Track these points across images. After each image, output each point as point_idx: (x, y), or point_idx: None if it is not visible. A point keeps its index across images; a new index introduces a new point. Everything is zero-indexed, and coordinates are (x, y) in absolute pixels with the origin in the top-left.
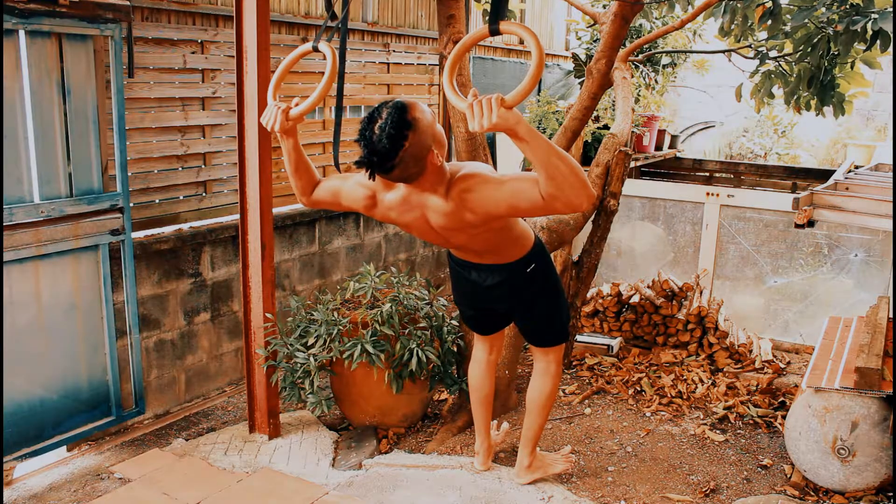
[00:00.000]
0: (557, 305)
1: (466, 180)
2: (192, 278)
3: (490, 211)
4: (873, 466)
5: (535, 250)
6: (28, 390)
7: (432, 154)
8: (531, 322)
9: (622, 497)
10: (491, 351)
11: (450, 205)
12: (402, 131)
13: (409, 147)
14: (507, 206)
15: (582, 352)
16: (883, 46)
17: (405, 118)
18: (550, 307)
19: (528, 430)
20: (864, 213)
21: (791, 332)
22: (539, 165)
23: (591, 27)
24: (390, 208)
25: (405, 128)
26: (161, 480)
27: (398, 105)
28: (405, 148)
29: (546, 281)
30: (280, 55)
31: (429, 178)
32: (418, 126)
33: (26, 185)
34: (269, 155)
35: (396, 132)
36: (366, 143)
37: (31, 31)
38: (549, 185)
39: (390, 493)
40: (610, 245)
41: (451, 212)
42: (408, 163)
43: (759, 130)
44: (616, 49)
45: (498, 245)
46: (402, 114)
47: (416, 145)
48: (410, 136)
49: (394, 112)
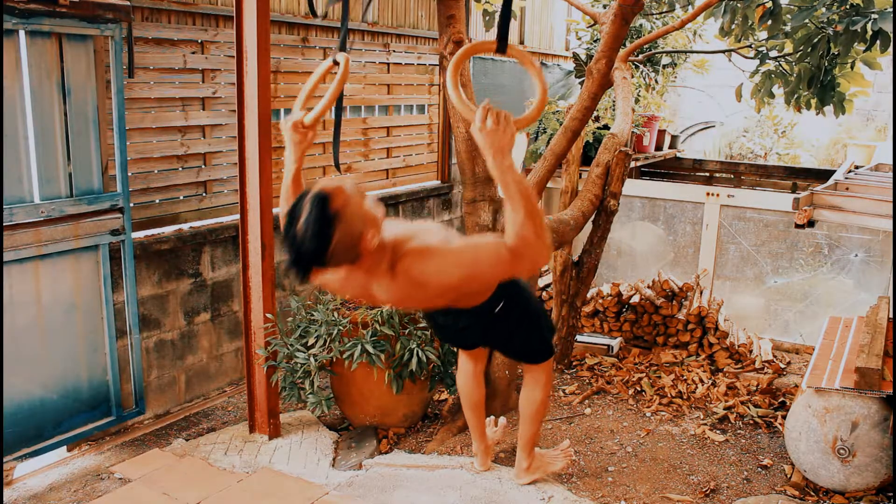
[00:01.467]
0: (537, 328)
1: (414, 257)
2: (193, 278)
3: (445, 283)
4: (873, 466)
5: (499, 290)
6: (28, 390)
7: (365, 239)
8: (513, 350)
9: (622, 497)
10: (477, 362)
11: (396, 282)
12: (327, 227)
13: (337, 241)
14: (465, 276)
15: (582, 352)
16: (883, 46)
17: (328, 213)
18: (530, 333)
19: (524, 436)
20: (864, 213)
21: (791, 332)
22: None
23: (591, 27)
24: (330, 284)
25: (330, 223)
26: (161, 480)
27: (318, 198)
28: (333, 244)
29: (520, 311)
30: (280, 55)
31: (366, 260)
32: (344, 216)
33: (26, 185)
34: (269, 155)
35: (321, 229)
36: (291, 246)
37: (31, 31)
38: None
39: (390, 493)
40: (610, 245)
41: (398, 289)
42: (340, 256)
43: (759, 130)
44: (616, 49)
45: (459, 299)
46: (323, 208)
47: (345, 236)
48: (337, 229)
49: (315, 208)
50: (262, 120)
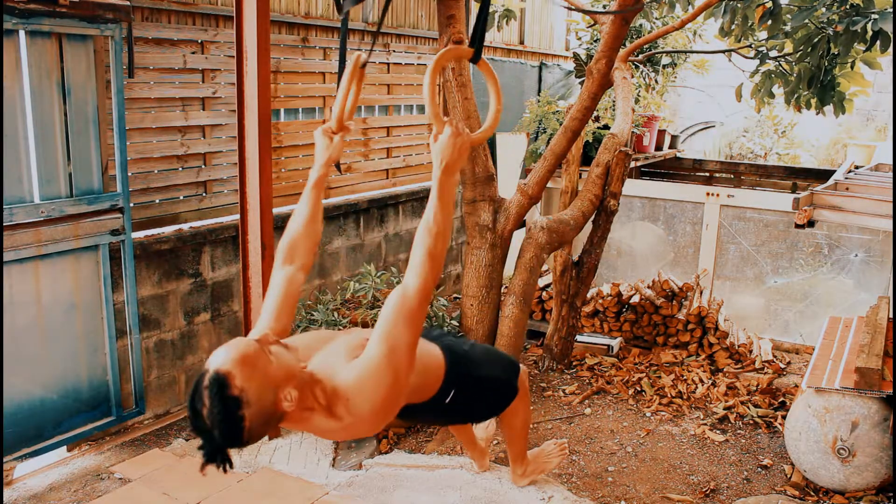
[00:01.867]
0: (493, 389)
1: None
2: (193, 278)
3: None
4: (873, 466)
5: (448, 373)
6: (28, 390)
7: (279, 401)
8: (480, 417)
9: (622, 497)
10: None
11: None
12: (233, 413)
13: (250, 422)
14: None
15: (582, 352)
16: (883, 47)
17: (229, 397)
18: (488, 398)
19: (514, 451)
20: (864, 213)
21: (791, 332)
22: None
23: (591, 27)
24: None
25: (235, 408)
26: (161, 480)
27: (215, 382)
28: (246, 426)
29: (471, 389)
30: (280, 55)
31: (293, 415)
32: (248, 393)
33: (26, 185)
34: (269, 155)
35: (228, 418)
36: (203, 439)
37: (31, 31)
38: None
39: (390, 493)
40: (610, 245)
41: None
42: (259, 429)
43: (759, 130)
44: (616, 49)
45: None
46: (223, 394)
47: (257, 412)
48: (245, 410)
49: (215, 397)
50: (262, 120)
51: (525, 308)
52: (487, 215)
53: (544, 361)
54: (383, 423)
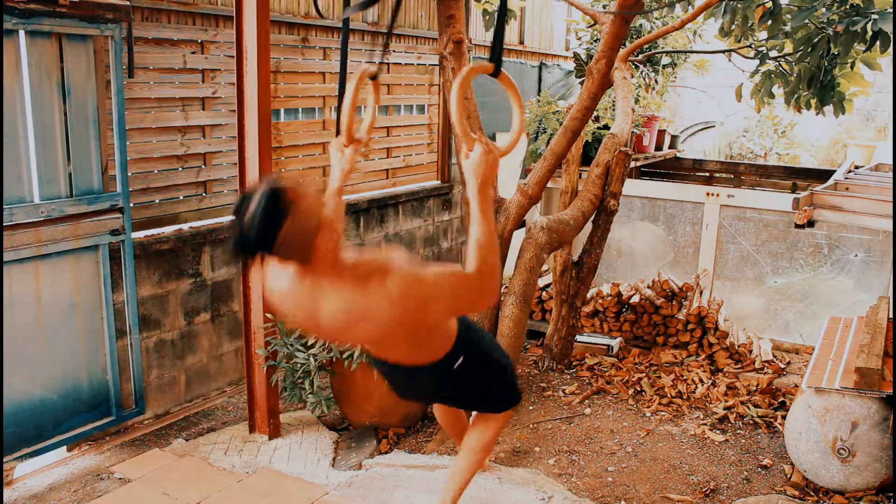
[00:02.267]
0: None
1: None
2: (192, 278)
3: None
4: (873, 466)
5: (458, 344)
6: (28, 390)
7: (318, 239)
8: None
9: (622, 497)
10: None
11: (358, 296)
12: (277, 213)
13: (287, 231)
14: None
15: (582, 352)
16: (883, 47)
17: (277, 204)
18: (492, 383)
19: (457, 479)
20: (864, 213)
21: (791, 332)
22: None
23: (591, 27)
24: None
25: (281, 211)
26: (161, 480)
27: (270, 191)
28: (283, 232)
29: (479, 362)
30: (280, 55)
31: (319, 266)
32: (296, 208)
33: (26, 185)
34: (269, 155)
35: (271, 213)
36: (238, 224)
37: (31, 31)
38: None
39: (390, 493)
40: (610, 245)
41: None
42: (289, 248)
43: (759, 130)
44: (616, 49)
45: (414, 343)
46: (276, 196)
47: (295, 228)
48: (288, 218)
49: (267, 194)
50: (262, 120)
51: (525, 308)
52: None
53: (544, 361)
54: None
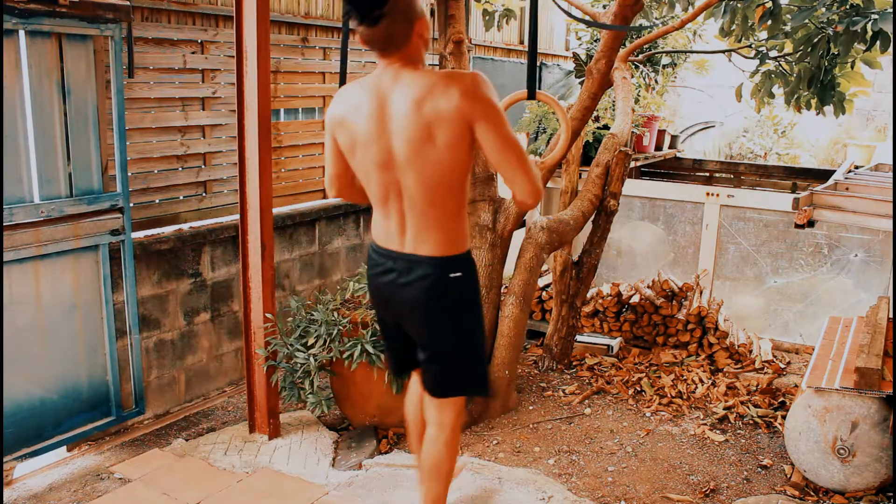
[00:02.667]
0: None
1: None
2: (192, 278)
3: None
4: (873, 466)
5: (465, 257)
6: (28, 390)
7: (420, 25)
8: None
9: (622, 497)
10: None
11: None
12: None
13: (396, 4)
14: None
15: (582, 352)
16: (883, 47)
17: None
18: (463, 337)
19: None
20: (864, 213)
21: (791, 332)
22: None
23: (591, 27)
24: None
25: None
26: (161, 480)
27: None
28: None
29: (465, 302)
30: (280, 55)
31: (411, 53)
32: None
33: (26, 185)
34: (269, 155)
35: None
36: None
37: (31, 31)
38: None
39: (390, 493)
40: (610, 245)
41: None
42: (395, 19)
43: (759, 130)
44: (616, 49)
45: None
46: None
47: (403, 6)
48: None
49: None
50: (261, 120)
51: (525, 308)
52: (487, 215)
53: (544, 361)
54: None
